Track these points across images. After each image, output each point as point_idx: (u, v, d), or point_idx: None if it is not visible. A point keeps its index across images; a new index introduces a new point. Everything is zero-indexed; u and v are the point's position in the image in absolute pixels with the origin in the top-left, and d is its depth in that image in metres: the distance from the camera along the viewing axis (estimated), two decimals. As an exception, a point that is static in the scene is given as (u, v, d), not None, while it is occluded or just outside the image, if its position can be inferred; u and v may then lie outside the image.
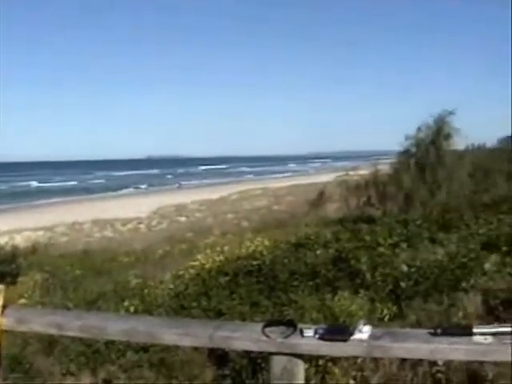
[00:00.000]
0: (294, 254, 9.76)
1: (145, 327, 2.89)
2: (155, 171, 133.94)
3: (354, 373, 5.30)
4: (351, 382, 5.25)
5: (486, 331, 2.46)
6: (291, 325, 2.63)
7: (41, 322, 3.04)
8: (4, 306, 2.88)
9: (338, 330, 2.60)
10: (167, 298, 8.86)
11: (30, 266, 17.11)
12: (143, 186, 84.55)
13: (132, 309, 8.42)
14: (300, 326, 2.62)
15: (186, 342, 2.83)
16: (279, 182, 70.89)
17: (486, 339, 2.42)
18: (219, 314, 7.54)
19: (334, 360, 5.28)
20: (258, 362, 5.74)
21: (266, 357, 2.70)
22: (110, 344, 6.95)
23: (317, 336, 2.55)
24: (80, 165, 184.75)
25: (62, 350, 7.28)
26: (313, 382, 5.27)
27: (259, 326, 2.67)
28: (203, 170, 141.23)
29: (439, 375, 5.00)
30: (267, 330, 2.62)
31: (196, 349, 6.30)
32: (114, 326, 2.93)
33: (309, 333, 2.56)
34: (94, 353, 7.08)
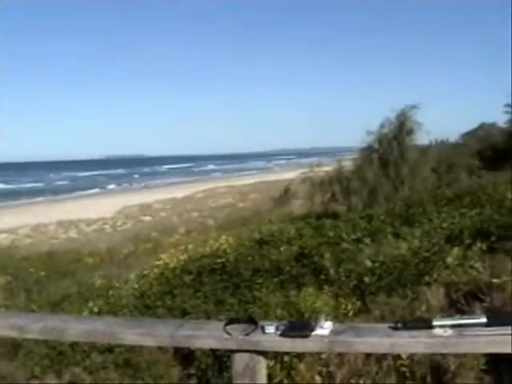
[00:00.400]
0: (258, 251, 9.72)
1: (107, 328, 2.87)
2: (121, 171, 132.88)
3: (319, 368, 5.32)
4: (317, 377, 5.27)
5: (445, 324, 2.49)
6: (252, 322, 2.63)
7: (2, 325, 3.00)
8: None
9: (299, 326, 2.60)
10: (132, 298, 8.78)
11: (-8, 269, 16.88)
12: (109, 187, 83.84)
13: (96, 309, 8.34)
14: (261, 322, 2.63)
15: (148, 341, 2.82)
16: (245, 180, 70.96)
17: (445, 332, 2.45)
18: (184, 313, 7.49)
19: (300, 356, 5.29)
20: (223, 360, 5.73)
21: (230, 355, 2.69)
22: (74, 346, 6.87)
23: (278, 332, 2.55)
24: (40, 166, 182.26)
25: (27, 354, 7.17)
26: (278, 378, 5.28)
27: (222, 324, 2.67)
28: (169, 168, 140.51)
29: (403, 369, 5.05)
30: (229, 327, 2.62)
31: (161, 348, 6.27)
32: (76, 328, 2.91)
33: (270, 329, 2.57)
34: (58, 355, 6.99)
